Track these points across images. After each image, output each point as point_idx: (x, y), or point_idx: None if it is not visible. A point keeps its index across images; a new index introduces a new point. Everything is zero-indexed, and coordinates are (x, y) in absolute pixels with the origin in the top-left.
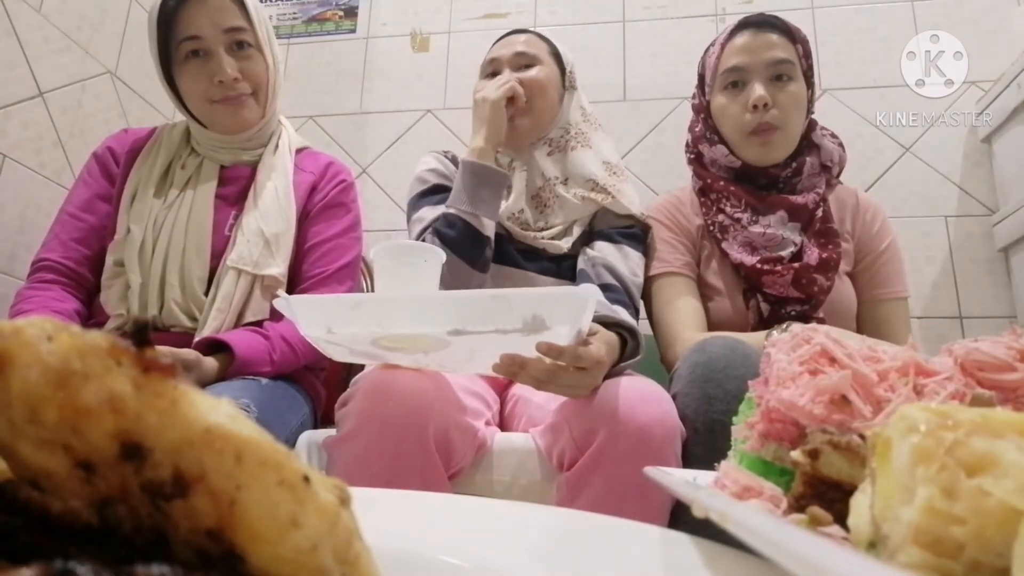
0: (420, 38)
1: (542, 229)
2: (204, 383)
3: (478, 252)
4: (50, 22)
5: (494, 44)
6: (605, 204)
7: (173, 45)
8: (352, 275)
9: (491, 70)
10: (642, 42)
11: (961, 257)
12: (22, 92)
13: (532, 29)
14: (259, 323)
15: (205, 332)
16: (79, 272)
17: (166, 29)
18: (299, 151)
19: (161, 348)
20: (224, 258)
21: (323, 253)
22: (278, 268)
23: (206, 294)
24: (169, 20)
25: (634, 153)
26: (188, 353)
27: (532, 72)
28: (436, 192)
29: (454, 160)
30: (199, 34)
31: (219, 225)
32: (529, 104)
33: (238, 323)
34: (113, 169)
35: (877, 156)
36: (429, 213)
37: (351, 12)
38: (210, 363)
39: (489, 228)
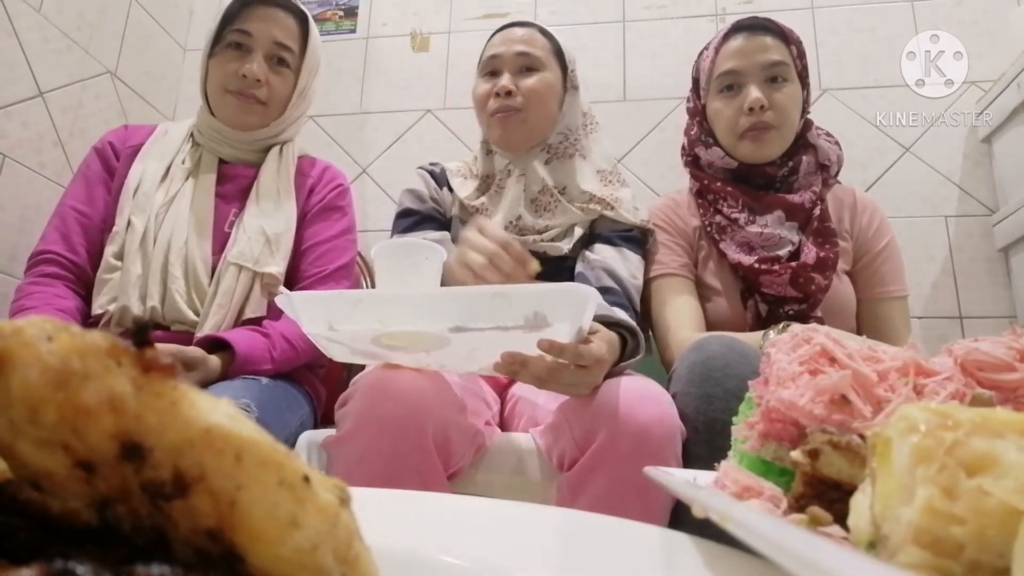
0: (420, 38)
1: (541, 231)
2: (208, 381)
3: None
4: (50, 22)
5: (493, 35)
6: (606, 213)
7: (226, 31)
8: (349, 276)
9: (492, 68)
10: (642, 42)
11: (961, 257)
12: (22, 92)
13: (534, 22)
14: (258, 321)
15: (206, 328)
16: (80, 265)
17: (229, 20)
18: (299, 157)
19: (168, 346)
20: (225, 254)
21: (321, 254)
22: (277, 267)
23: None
24: (235, 14)
25: (634, 153)
26: (194, 351)
27: (532, 81)
28: (407, 216)
29: (442, 173)
30: (250, 31)
31: (219, 221)
32: (525, 115)
33: (238, 319)
34: (113, 163)
35: (877, 156)
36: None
37: (351, 12)
38: (214, 361)
39: None
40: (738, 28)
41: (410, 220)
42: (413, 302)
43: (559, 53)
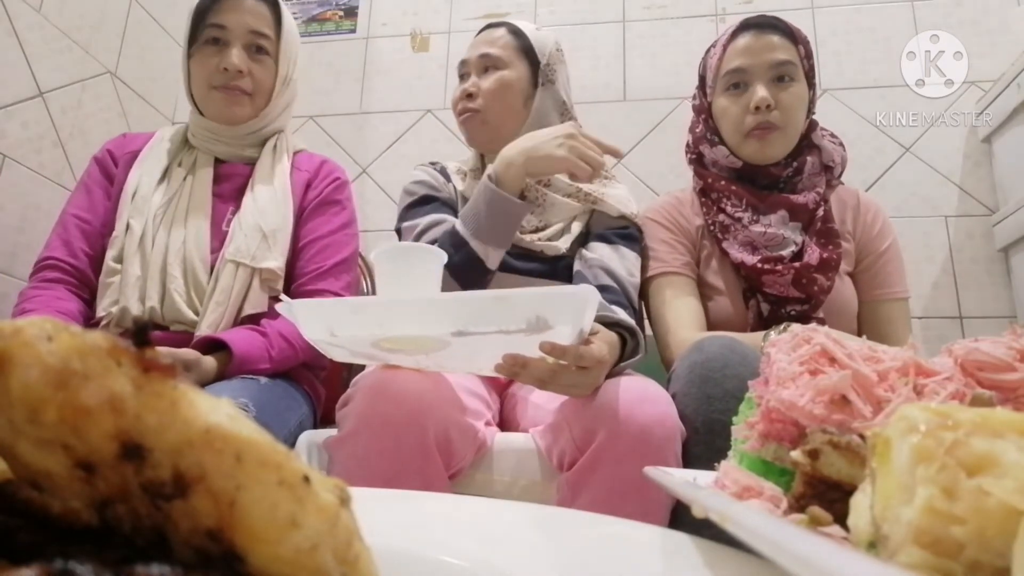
0: (420, 38)
1: (537, 230)
2: (204, 382)
3: (478, 281)
4: (50, 22)
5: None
6: (595, 207)
7: (201, 28)
8: (349, 270)
9: (461, 72)
10: (642, 42)
11: (961, 257)
12: (22, 92)
13: (509, 22)
14: (258, 317)
15: (204, 325)
16: (82, 270)
17: (201, 17)
18: (296, 153)
19: (160, 349)
20: (222, 252)
21: (319, 249)
22: (276, 262)
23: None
24: (206, 10)
25: (634, 153)
26: (187, 353)
27: (488, 81)
28: (425, 203)
29: (443, 171)
30: (225, 24)
31: (217, 220)
32: (484, 115)
33: (237, 316)
34: (112, 170)
35: (877, 156)
36: (423, 220)
37: (351, 12)
38: (209, 362)
39: (496, 260)
40: (746, 26)
41: (431, 205)
42: (414, 307)
43: (527, 50)
